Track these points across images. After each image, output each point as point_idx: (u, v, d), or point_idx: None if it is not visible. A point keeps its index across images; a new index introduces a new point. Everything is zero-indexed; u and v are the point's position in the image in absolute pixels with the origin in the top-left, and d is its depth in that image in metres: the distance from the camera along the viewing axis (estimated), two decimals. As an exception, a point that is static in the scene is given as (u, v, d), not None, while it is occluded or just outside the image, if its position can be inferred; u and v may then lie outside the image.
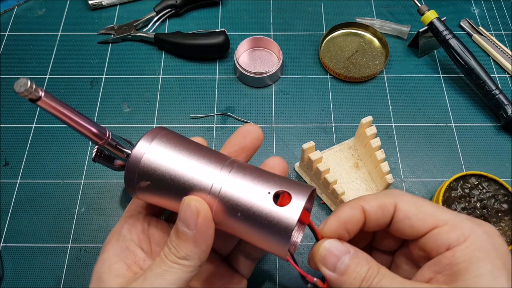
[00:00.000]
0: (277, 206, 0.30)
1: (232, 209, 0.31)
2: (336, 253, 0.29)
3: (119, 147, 0.34)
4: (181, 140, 0.34)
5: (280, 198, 0.31)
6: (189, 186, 0.31)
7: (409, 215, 0.30)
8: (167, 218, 0.39)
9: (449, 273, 0.28)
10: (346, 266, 0.29)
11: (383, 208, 0.31)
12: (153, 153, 0.32)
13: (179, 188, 0.32)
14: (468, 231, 0.28)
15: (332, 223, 0.31)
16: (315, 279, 0.32)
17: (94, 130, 0.31)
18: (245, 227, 0.31)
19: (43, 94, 0.27)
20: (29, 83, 0.26)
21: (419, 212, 0.30)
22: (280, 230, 0.29)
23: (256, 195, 0.30)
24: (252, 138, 0.37)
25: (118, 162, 0.44)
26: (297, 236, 0.35)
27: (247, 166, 0.33)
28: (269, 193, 0.30)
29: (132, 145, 0.35)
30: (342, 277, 0.29)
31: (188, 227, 0.30)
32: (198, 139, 0.37)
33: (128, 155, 0.34)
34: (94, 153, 0.44)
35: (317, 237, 0.32)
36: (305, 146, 0.46)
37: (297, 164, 0.52)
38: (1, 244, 0.47)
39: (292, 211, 0.29)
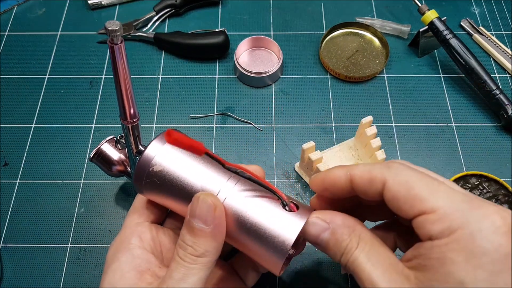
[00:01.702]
0: (286, 211, 0.32)
1: (236, 216, 0.32)
2: (316, 230, 0.30)
3: (138, 139, 0.37)
4: None
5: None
6: (197, 189, 0.33)
7: (398, 196, 0.27)
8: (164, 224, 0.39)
9: (422, 265, 0.26)
10: (326, 241, 0.30)
11: (371, 182, 0.29)
12: (167, 153, 0.34)
13: (187, 192, 0.33)
14: (458, 225, 0.24)
15: (317, 181, 0.32)
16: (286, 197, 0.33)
17: (133, 109, 0.35)
18: (248, 230, 0.32)
19: (120, 44, 0.30)
20: (120, 27, 0.29)
21: (408, 195, 0.27)
22: (288, 232, 0.31)
23: (263, 202, 0.32)
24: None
25: (116, 168, 0.45)
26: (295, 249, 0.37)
27: (254, 177, 0.34)
28: (279, 199, 0.32)
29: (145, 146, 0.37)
30: (325, 250, 0.30)
31: (205, 222, 0.30)
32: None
33: (139, 151, 0.37)
34: (93, 152, 0.44)
35: None
36: (305, 146, 0.46)
37: (297, 164, 0.52)
38: (1, 244, 0.47)
39: (300, 216, 0.32)
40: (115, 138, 0.45)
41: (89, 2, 0.64)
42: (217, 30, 0.61)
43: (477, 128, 0.55)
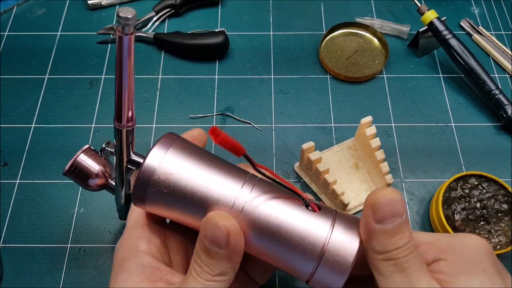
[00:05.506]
0: (310, 212, 0.30)
1: (256, 224, 0.30)
2: (392, 210, 0.27)
3: (131, 146, 0.33)
4: (196, 150, 0.33)
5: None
6: (210, 201, 0.30)
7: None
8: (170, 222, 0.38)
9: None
10: (394, 228, 0.26)
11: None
12: (170, 162, 0.31)
13: (199, 202, 0.30)
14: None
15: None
16: (309, 197, 0.31)
17: (131, 111, 0.31)
18: (271, 242, 0.30)
19: (131, 35, 0.27)
20: (134, 15, 0.26)
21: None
22: (317, 234, 0.29)
23: (284, 208, 0.30)
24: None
25: (95, 182, 0.40)
26: None
27: (267, 183, 0.32)
28: (302, 200, 0.30)
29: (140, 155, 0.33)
30: (383, 235, 0.27)
31: (220, 247, 0.28)
32: (197, 131, 0.36)
33: (131, 160, 0.33)
34: (67, 167, 0.39)
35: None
36: (305, 146, 0.46)
37: (297, 164, 0.52)
38: (1, 244, 0.47)
39: (326, 216, 0.30)
40: (92, 147, 0.41)
41: (89, 2, 0.64)
42: (216, 30, 0.61)
43: (477, 128, 0.55)
